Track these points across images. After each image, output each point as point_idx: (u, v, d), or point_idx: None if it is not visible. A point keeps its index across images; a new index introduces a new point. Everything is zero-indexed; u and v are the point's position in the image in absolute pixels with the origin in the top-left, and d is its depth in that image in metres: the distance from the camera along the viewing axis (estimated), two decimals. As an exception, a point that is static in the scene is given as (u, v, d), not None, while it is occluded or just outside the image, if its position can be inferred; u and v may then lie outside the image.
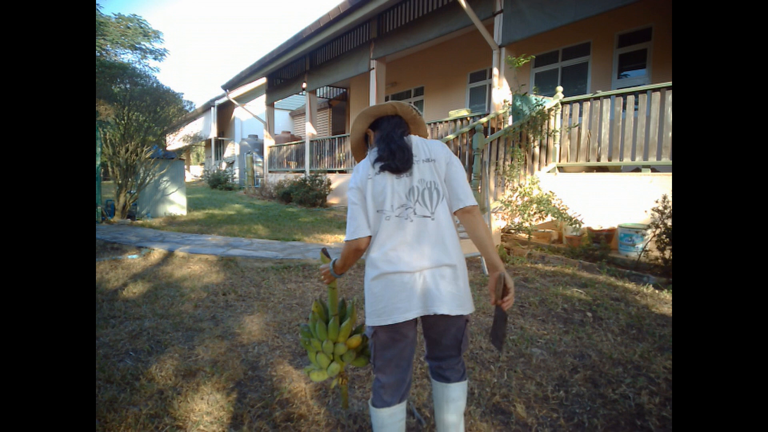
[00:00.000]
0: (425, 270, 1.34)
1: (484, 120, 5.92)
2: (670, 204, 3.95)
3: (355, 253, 1.39)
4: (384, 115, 1.50)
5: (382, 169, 1.37)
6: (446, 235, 1.37)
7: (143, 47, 20.31)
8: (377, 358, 1.41)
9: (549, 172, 5.66)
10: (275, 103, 13.86)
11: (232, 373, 2.17)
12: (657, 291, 3.59)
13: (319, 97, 14.57)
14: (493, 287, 1.36)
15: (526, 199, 5.15)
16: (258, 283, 3.80)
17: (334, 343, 1.52)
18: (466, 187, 1.40)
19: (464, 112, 7.07)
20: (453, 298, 1.34)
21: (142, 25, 20.01)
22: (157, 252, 4.79)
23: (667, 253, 3.87)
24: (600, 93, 5.19)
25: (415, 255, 1.34)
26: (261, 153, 15.97)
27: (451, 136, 5.83)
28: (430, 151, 1.42)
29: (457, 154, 5.91)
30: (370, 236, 1.37)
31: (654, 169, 5.02)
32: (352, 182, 1.41)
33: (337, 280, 1.56)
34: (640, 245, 4.35)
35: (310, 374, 1.56)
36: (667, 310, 3.17)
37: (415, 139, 1.45)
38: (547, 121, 5.59)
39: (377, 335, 1.39)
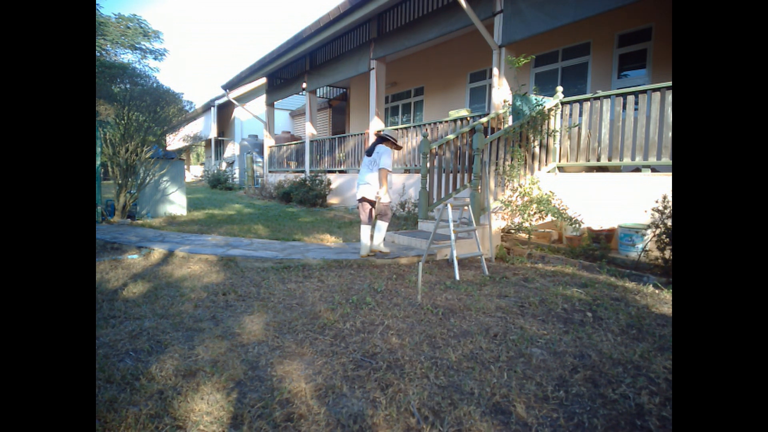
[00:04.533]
0: (363, 185, 4.63)
1: (484, 120, 5.92)
2: (670, 204, 3.96)
3: None
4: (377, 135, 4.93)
5: (365, 154, 4.76)
6: (372, 176, 4.57)
7: (143, 47, 20.34)
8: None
9: (549, 172, 5.66)
10: (275, 103, 13.86)
11: (232, 373, 2.17)
12: (657, 291, 3.59)
13: (319, 97, 14.57)
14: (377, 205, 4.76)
15: (526, 199, 5.15)
16: (258, 283, 3.80)
17: None
18: (382, 161, 4.46)
19: (464, 112, 7.07)
20: (368, 193, 4.61)
21: (142, 25, 20.03)
22: (157, 252, 4.79)
23: (667, 253, 3.88)
24: (600, 93, 5.19)
25: (363, 178, 4.67)
26: (261, 153, 15.97)
27: (451, 136, 5.83)
28: (378, 152, 4.55)
29: (457, 154, 5.92)
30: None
31: (654, 169, 5.02)
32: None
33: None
34: (640, 245, 4.35)
35: None
36: (667, 310, 3.17)
37: (379, 146, 4.59)
38: (547, 121, 5.59)
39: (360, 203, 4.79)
